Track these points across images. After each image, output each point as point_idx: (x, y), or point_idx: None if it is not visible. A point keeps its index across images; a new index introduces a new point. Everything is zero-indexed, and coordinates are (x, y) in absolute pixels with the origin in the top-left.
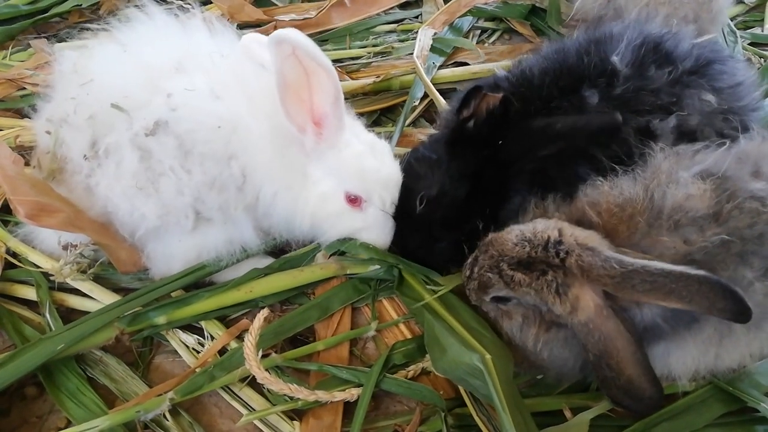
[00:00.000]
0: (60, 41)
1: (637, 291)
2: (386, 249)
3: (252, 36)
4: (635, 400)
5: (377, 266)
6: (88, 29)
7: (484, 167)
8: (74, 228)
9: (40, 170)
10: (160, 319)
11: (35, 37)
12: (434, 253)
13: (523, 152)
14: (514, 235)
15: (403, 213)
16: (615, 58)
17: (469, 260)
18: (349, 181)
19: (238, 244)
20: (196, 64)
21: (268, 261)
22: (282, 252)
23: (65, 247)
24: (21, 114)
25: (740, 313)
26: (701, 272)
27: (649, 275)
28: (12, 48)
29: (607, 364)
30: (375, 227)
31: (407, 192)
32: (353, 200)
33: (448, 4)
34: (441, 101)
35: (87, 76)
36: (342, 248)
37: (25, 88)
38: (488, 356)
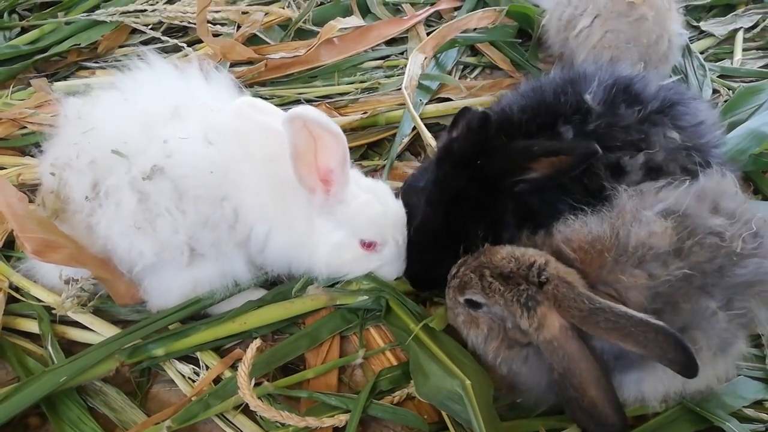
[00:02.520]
0: (59, 80)
1: (599, 328)
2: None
3: (245, 100)
4: (598, 425)
5: (365, 297)
6: (86, 68)
7: (470, 184)
8: (77, 263)
9: (44, 208)
10: (159, 351)
11: (35, 76)
12: (433, 275)
13: (504, 169)
14: (505, 251)
15: None
16: (588, 96)
17: (460, 261)
18: (362, 231)
19: (231, 277)
20: (191, 112)
21: (261, 293)
22: (274, 284)
23: (67, 282)
24: (23, 152)
25: (688, 366)
26: (660, 323)
27: (613, 315)
28: (13, 87)
29: (570, 384)
30: (390, 263)
31: None
32: (368, 245)
33: (438, 29)
34: (427, 134)
35: (90, 124)
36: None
37: (26, 127)
38: (468, 382)
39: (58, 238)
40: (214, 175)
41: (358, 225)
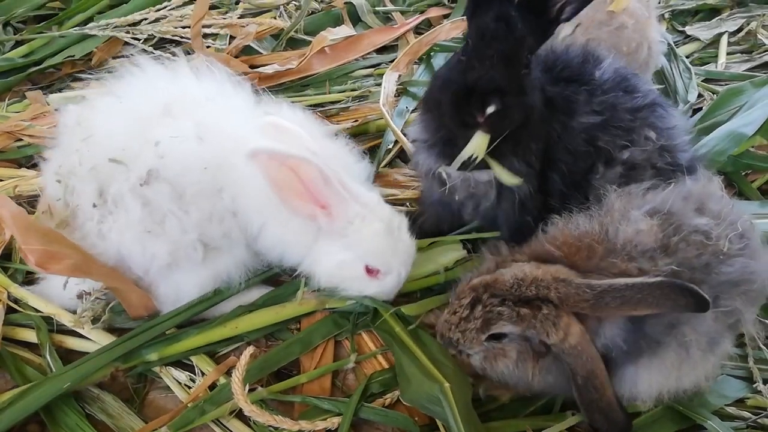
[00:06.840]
0: (54, 91)
1: (610, 307)
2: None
3: (271, 121)
4: (612, 424)
5: (353, 301)
6: (80, 79)
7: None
8: (81, 273)
9: (51, 217)
10: (152, 356)
11: (30, 89)
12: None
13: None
14: (509, 276)
15: None
16: (598, 72)
17: (467, 303)
18: (368, 257)
19: (245, 265)
20: (183, 109)
21: (254, 296)
22: (276, 283)
23: (80, 296)
24: (19, 164)
25: (701, 303)
26: (658, 278)
27: (617, 292)
28: (8, 99)
29: (593, 385)
30: (387, 291)
31: None
32: (372, 271)
33: (410, 45)
34: (409, 146)
35: (88, 130)
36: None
37: (22, 139)
38: (447, 385)
39: (62, 249)
40: (208, 170)
41: (367, 251)
